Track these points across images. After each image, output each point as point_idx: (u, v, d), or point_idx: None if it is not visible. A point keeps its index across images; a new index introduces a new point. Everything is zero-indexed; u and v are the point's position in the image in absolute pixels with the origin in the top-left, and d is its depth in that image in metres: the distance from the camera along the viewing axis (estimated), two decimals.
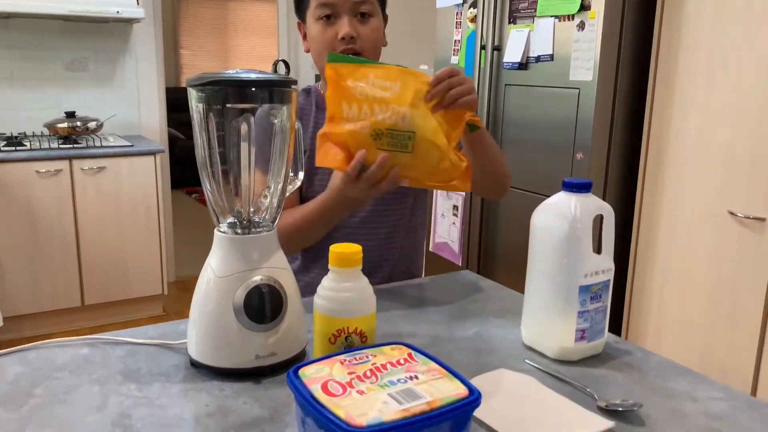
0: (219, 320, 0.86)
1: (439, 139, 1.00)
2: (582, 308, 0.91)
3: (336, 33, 1.21)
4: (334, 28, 1.21)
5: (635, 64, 2.15)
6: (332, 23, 1.21)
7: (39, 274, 3.07)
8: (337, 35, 1.21)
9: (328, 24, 1.22)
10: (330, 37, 1.22)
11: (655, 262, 2.14)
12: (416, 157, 1.00)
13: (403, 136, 0.99)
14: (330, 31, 1.22)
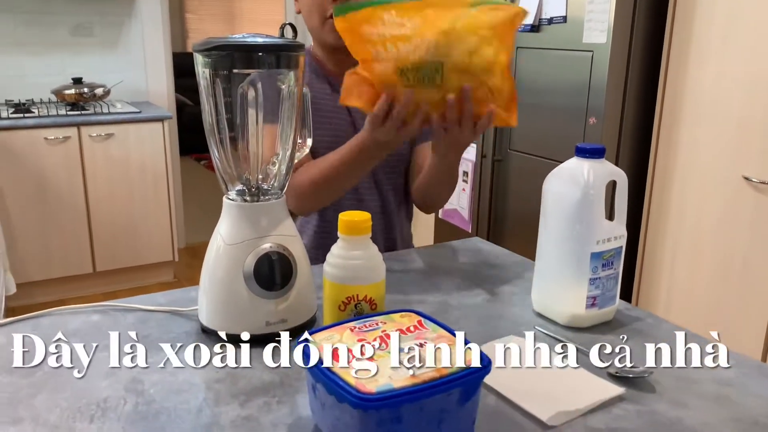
0: (229, 287, 0.86)
1: (477, 59, 0.92)
2: (593, 275, 0.90)
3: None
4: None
5: (650, 27, 2.10)
6: None
7: (50, 241, 3.10)
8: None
9: None
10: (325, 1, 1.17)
11: (667, 228, 2.12)
12: (446, 89, 0.94)
13: (429, 69, 0.92)
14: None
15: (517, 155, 2.50)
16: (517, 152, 2.49)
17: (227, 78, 0.85)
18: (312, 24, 1.23)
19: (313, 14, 1.21)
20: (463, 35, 0.92)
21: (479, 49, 0.93)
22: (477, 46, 0.93)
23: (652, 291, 2.20)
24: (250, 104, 0.87)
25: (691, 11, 1.97)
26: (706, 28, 1.93)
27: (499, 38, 0.94)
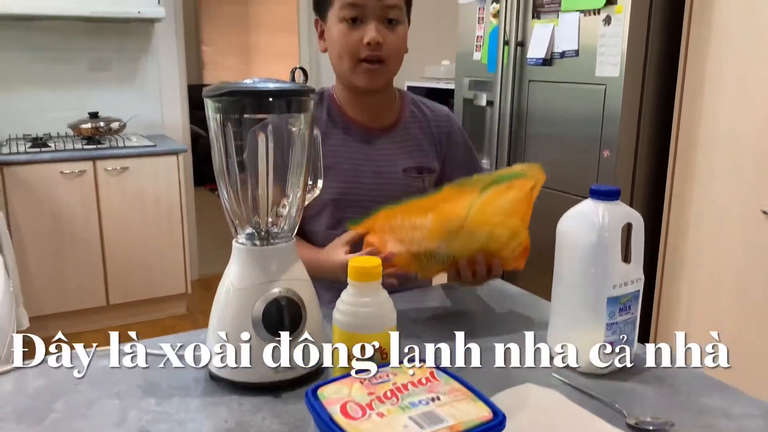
0: (237, 333, 0.85)
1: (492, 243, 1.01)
2: (610, 320, 0.88)
3: (361, 37, 1.16)
4: (360, 31, 1.17)
5: (663, 59, 2.09)
6: (357, 27, 1.17)
7: (64, 273, 3.11)
8: (363, 39, 1.16)
9: (353, 27, 1.17)
10: (354, 41, 1.17)
11: (684, 266, 2.09)
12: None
13: (442, 256, 1.02)
14: (355, 35, 1.17)
15: None
16: None
17: (238, 122, 0.85)
18: (341, 67, 1.22)
19: (343, 58, 1.20)
20: (473, 229, 0.99)
21: (492, 234, 1.00)
22: (489, 234, 1.00)
23: (669, 333, 2.15)
24: (260, 148, 0.87)
25: (705, 43, 1.96)
26: (721, 60, 1.92)
27: (517, 214, 1.01)
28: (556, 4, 2.26)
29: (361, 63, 1.19)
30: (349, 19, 1.16)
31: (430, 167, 1.32)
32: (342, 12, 1.17)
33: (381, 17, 1.17)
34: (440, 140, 1.35)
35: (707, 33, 1.95)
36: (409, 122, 1.32)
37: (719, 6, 1.91)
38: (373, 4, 1.16)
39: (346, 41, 1.18)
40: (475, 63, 2.72)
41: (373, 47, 1.16)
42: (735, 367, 1.93)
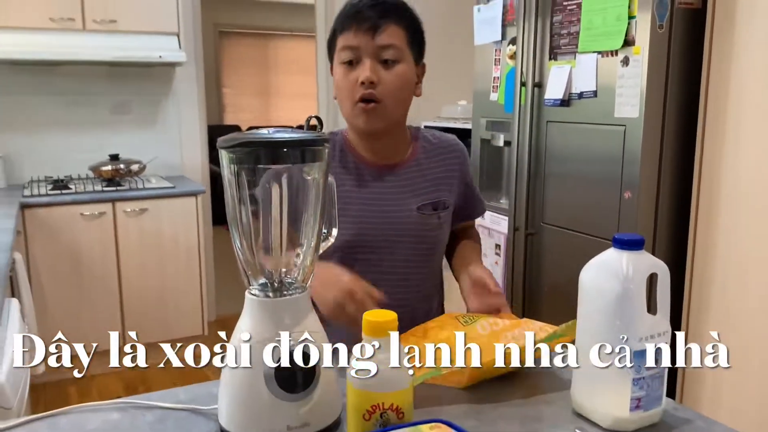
0: (249, 388, 0.82)
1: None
2: (637, 375, 0.84)
3: (357, 78, 1.17)
4: (356, 72, 1.18)
5: (684, 99, 2.07)
6: (354, 68, 1.18)
7: (82, 316, 3.10)
8: (358, 79, 1.17)
9: (350, 68, 1.19)
10: (351, 82, 1.18)
11: (710, 313, 2.03)
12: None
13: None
14: (352, 76, 1.18)
15: (550, 229, 2.45)
16: (550, 225, 2.44)
17: (252, 172, 0.84)
18: (344, 110, 1.24)
19: (344, 100, 1.22)
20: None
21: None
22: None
23: (695, 384, 2.08)
24: (274, 197, 0.85)
25: (726, 83, 1.93)
26: (742, 99, 1.89)
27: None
28: (573, 45, 2.26)
29: (357, 104, 1.19)
30: (347, 62, 1.19)
31: (445, 202, 1.31)
32: (340, 55, 1.20)
33: (376, 57, 1.18)
34: (457, 174, 1.34)
35: (727, 73, 1.93)
36: (421, 158, 1.31)
37: (739, 46, 1.89)
38: (367, 45, 1.17)
39: (345, 83, 1.19)
40: (492, 103, 2.72)
41: (366, 86, 1.16)
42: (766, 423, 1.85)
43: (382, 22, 1.17)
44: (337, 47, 1.20)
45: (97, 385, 3.06)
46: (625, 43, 2.04)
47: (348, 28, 1.18)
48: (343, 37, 1.19)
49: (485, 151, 2.83)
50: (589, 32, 2.18)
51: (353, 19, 1.17)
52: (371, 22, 1.17)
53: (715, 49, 1.96)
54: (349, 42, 1.18)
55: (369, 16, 1.17)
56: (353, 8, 1.19)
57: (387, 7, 1.19)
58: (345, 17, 1.19)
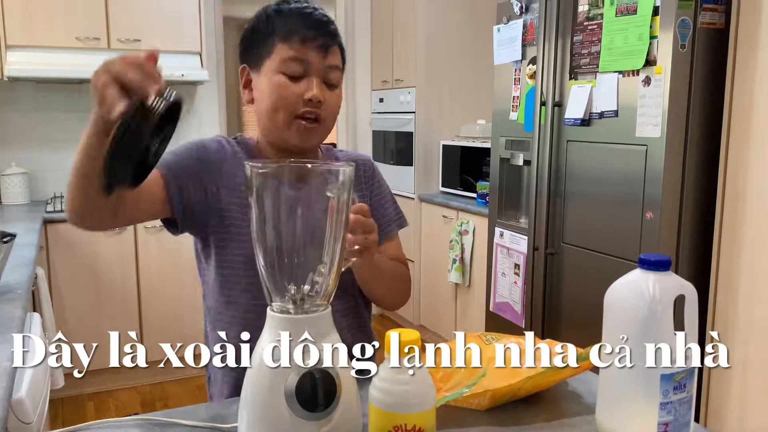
0: (270, 407, 0.81)
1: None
2: (665, 399, 0.83)
3: (302, 92, 1.11)
4: (301, 86, 1.11)
5: (706, 121, 2.05)
6: (298, 82, 1.11)
7: (103, 331, 3.12)
8: (303, 95, 1.11)
9: (293, 82, 1.11)
10: (294, 95, 1.11)
11: (735, 334, 1.99)
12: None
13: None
14: (295, 89, 1.11)
15: (570, 248, 2.42)
16: (570, 245, 2.42)
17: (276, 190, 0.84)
18: (274, 122, 1.14)
19: (278, 111, 1.12)
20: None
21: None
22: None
23: (722, 407, 2.04)
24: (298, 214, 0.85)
25: (749, 102, 1.92)
26: (766, 122, 1.87)
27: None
28: (593, 65, 2.26)
29: (296, 119, 1.13)
30: (291, 75, 1.11)
31: None
32: (284, 65, 1.11)
33: (324, 76, 1.13)
34: (366, 185, 1.30)
35: (751, 93, 1.91)
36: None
37: (763, 66, 1.87)
38: (319, 63, 1.11)
39: (285, 95, 1.11)
40: (511, 123, 2.72)
41: (314, 104, 1.11)
42: None
43: (331, 43, 1.13)
44: (277, 54, 1.12)
45: (114, 401, 3.07)
46: (647, 62, 2.04)
47: (296, 40, 1.11)
48: (290, 47, 1.11)
49: (504, 170, 2.82)
50: (610, 52, 2.17)
51: (304, 31, 1.11)
52: (323, 41, 1.12)
53: (738, 69, 1.95)
54: (299, 54, 1.11)
55: (321, 32, 1.12)
56: (302, 18, 1.12)
57: (333, 27, 1.15)
58: (293, 26, 1.11)
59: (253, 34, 1.17)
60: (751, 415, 1.96)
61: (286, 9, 1.14)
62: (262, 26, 1.15)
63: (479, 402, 0.96)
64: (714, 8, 2.01)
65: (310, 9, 1.14)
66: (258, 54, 1.15)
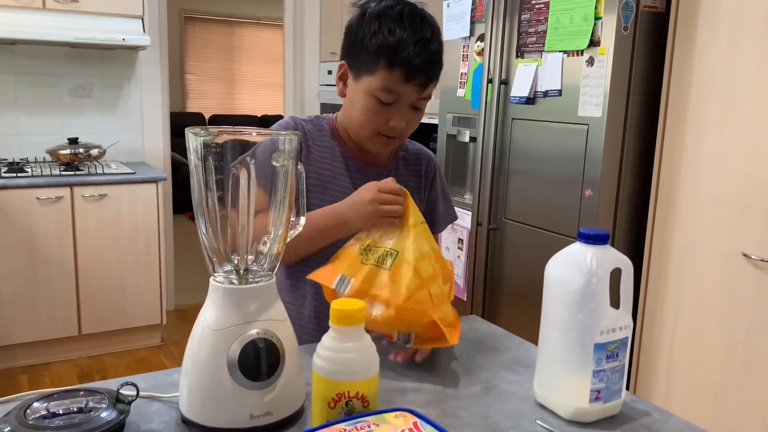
0: (212, 376, 0.81)
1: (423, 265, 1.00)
2: (597, 367, 0.86)
3: (388, 119, 1.16)
4: (388, 113, 1.16)
5: (645, 102, 2.11)
6: (387, 107, 1.16)
7: (36, 302, 3.02)
8: (389, 121, 1.16)
9: (382, 106, 1.15)
10: (381, 121, 1.17)
11: (665, 308, 2.08)
12: (393, 279, 0.99)
13: (385, 253, 1.02)
14: (383, 114, 1.16)
15: (512, 224, 2.47)
16: (512, 221, 2.47)
17: (219, 156, 0.83)
18: (360, 130, 1.21)
19: (365, 125, 1.19)
20: (420, 236, 1.04)
21: (429, 255, 1.02)
22: (428, 251, 1.03)
23: (651, 375, 2.14)
24: (241, 183, 0.84)
25: (687, 87, 1.98)
26: (704, 104, 1.95)
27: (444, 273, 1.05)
28: (539, 44, 2.29)
29: (379, 135, 1.19)
30: (384, 101, 1.15)
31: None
32: (378, 92, 1.14)
33: (412, 104, 1.17)
34: (426, 184, 1.37)
35: (689, 76, 1.98)
36: (400, 163, 1.34)
37: (701, 50, 1.94)
38: (411, 96, 1.15)
39: (374, 118, 1.17)
40: (458, 99, 2.73)
41: (397, 130, 1.18)
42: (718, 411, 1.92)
43: (433, 78, 1.16)
44: (378, 78, 1.13)
45: (50, 374, 2.99)
46: (591, 43, 2.08)
47: (400, 74, 1.12)
48: (390, 79, 1.12)
49: (451, 146, 2.84)
50: (556, 31, 2.20)
51: (410, 67, 1.11)
52: (424, 79, 1.13)
53: (677, 52, 2.01)
54: (395, 88, 1.13)
55: (426, 71, 1.13)
56: (413, 52, 1.11)
57: (439, 61, 1.16)
58: (402, 58, 1.11)
59: (359, 40, 1.16)
60: (677, 385, 2.06)
61: (401, 35, 1.11)
62: (371, 38, 1.13)
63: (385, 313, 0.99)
64: None
65: (425, 39, 1.13)
66: (359, 65, 1.17)
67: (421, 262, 0.99)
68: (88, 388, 0.88)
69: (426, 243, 1.03)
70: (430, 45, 1.13)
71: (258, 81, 8.13)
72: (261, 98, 8.17)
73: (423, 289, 0.97)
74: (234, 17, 7.76)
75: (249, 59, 8.03)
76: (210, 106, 7.82)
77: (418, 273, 0.98)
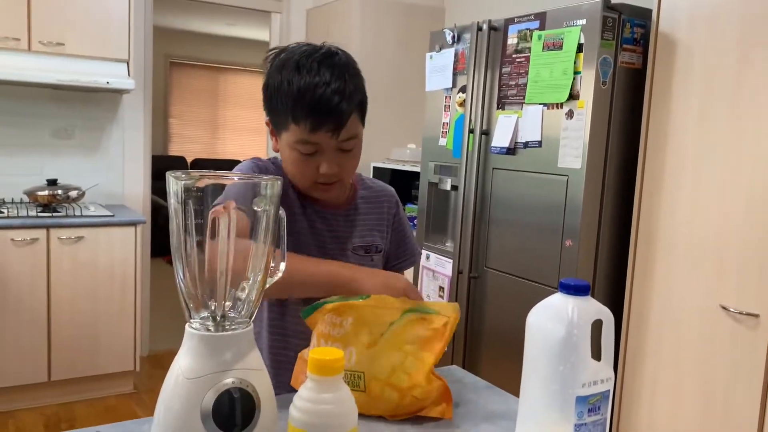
0: (185, 426, 0.78)
1: (397, 378, 0.99)
2: (579, 420, 0.85)
3: (316, 167, 1.15)
4: (315, 161, 1.15)
5: (624, 154, 2.15)
6: (312, 157, 1.15)
7: (4, 346, 2.94)
8: (318, 169, 1.15)
9: (307, 157, 1.15)
10: (310, 170, 1.16)
11: (645, 361, 2.08)
12: (371, 397, 0.99)
13: (353, 375, 0.99)
14: (310, 164, 1.15)
15: (493, 273, 2.48)
16: (493, 270, 2.48)
17: (199, 200, 0.82)
18: (298, 182, 1.20)
19: (299, 177, 1.19)
20: (385, 350, 0.99)
21: (402, 363, 0.99)
22: (401, 361, 0.99)
23: (632, 427, 2.12)
24: (221, 228, 0.83)
25: (663, 143, 2.03)
26: (679, 160, 1.99)
27: (428, 347, 1.00)
28: (520, 96, 2.33)
29: (315, 184, 1.19)
30: (305, 152, 1.14)
31: (378, 246, 1.33)
32: (297, 145, 1.13)
33: (337, 148, 1.15)
34: (389, 221, 1.36)
35: (665, 129, 2.02)
36: (360, 203, 1.33)
37: (676, 104, 1.99)
38: (329, 142, 1.13)
39: (302, 169, 1.16)
40: (440, 148, 2.77)
41: (329, 177, 1.16)
42: None
43: (342, 123, 1.12)
44: (292, 133, 1.13)
45: (15, 422, 2.88)
46: (570, 96, 2.12)
47: (306, 125, 1.11)
48: (300, 131, 1.12)
49: (432, 194, 2.86)
50: (536, 84, 2.25)
51: (314, 117, 1.10)
52: (333, 125, 1.11)
53: (654, 105, 2.06)
54: (308, 138, 1.12)
55: (331, 117, 1.10)
56: (313, 101, 1.10)
57: (344, 102, 1.11)
58: (304, 110, 1.10)
59: (271, 98, 1.16)
60: None
61: (298, 84, 1.11)
62: (278, 96, 1.14)
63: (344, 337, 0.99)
64: (633, 49, 2.12)
65: (323, 85, 1.10)
66: (276, 122, 1.18)
67: (394, 374, 0.99)
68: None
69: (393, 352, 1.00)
70: (331, 86, 1.10)
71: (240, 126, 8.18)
72: (243, 143, 8.20)
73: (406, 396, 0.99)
74: (218, 63, 7.85)
75: (232, 105, 8.09)
76: (192, 149, 7.82)
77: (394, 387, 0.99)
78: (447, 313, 1.02)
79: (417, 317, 1.01)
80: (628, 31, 2.10)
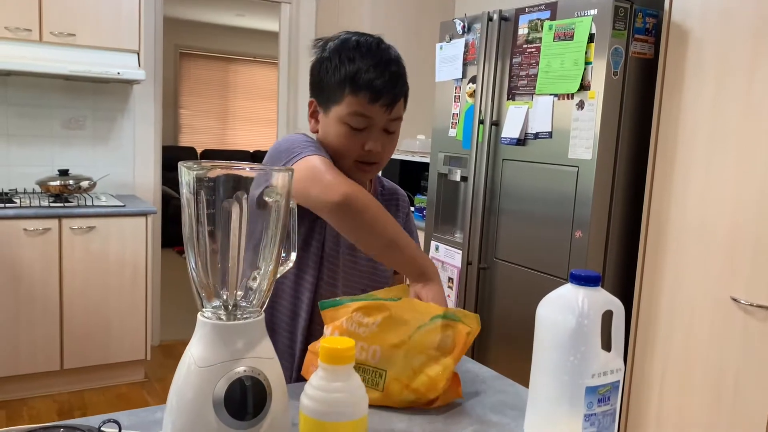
0: (197, 414, 0.79)
1: (418, 380, 1.01)
2: (589, 411, 0.85)
3: (363, 144, 1.19)
4: (361, 138, 1.19)
5: (635, 145, 2.14)
6: (360, 133, 1.19)
7: (18, 335, 2.97)
8: (364, 146, 1.19)
9: (355, 132, 1.19)
10: (356, 146, 1.19)
11: (655, 352, 2.07)
12: (387, 395, 1.01)
13: (374, 373, 1.01)
14: (357, 140, 1.19)
15: (502, 264, 2.47)
16: (502, 261, 2.47)
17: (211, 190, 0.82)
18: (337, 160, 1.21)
19: (343, 156, 1.21)
20: (411, 352, 1.02)
21: (425, 366, 1.02)
22: (424, 363, 1.02)
23: (641, 419, 2.12)
24: (233, 218, 0.84)
25: (675, 132, 2.01)
26: (691, 148, 1.97)
27: (450, 353, 1.03)
28: (530, 87, 2.32)
29: (357, 163, 1.22)
30: (355, 127, 1.18)
31: None
32: (349, 118, 1.18)
33: (385, 128, 1.20)
34: (402, 219, 1.40)
35: (676, 119, 2.01)
36: (379, 199, 1.37)
37: (688, 94, 1.97)
38: (381, 118, 1.18)
39: (348, 144, 1.19)
40: (450, 139, 2.76)
41: (372, 154, 1.20)
42: None
43: (398, 98, 1.19)
44: (346, 105, 1.17)
45: (29, 410, 2.92)
46: (581, 87, 2.11)
47: (364, 97, 1.16)
48: (357, 103, 1.16)
49: (442, 185, 2.86)
50: (547, 75, 2.24)
51: (374, 89, 1.16)
52: (389, 99, 1.17)
53: (665, 97, 2.04)
54: (364, 111, 1.17)
55: (389, 91, 1.17)
56: (374, 73, 1.16)
57: (401, 81, 1.20)
58: (365, 81, 1.16)
59: (324, 73, 1.21)
60: (667, 430, 2.04)
61: (360, 59, 1.17)
62: (333, 71, 1.18)
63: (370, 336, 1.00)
64: (644, 39, 2.10)
65: (384, 61, 1.18)
66: (326, 98, 1.21)
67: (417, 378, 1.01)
68: (68, 425, 0.86)
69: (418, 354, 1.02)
70: (390, 67, 1.18)
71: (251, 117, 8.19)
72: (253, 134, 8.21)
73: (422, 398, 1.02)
74: (228, 54, 7.85)
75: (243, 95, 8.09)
76: (202, 140, 7.84)
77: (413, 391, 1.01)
78: (470, 323, 1.05)
79: (443, 323, 1.03)
80: (640, 20, 2.08)
